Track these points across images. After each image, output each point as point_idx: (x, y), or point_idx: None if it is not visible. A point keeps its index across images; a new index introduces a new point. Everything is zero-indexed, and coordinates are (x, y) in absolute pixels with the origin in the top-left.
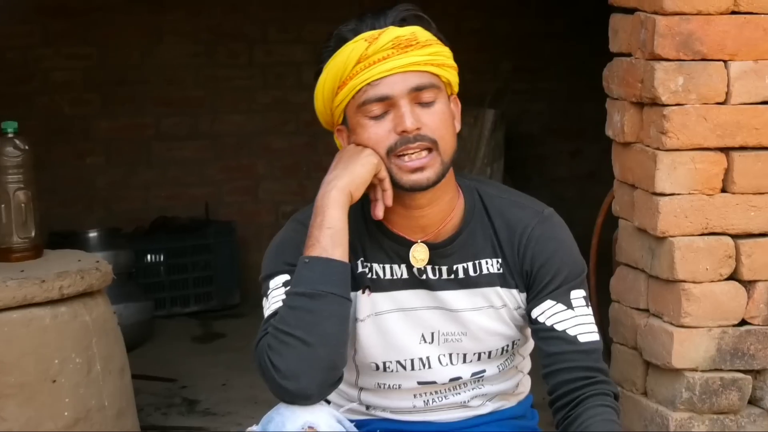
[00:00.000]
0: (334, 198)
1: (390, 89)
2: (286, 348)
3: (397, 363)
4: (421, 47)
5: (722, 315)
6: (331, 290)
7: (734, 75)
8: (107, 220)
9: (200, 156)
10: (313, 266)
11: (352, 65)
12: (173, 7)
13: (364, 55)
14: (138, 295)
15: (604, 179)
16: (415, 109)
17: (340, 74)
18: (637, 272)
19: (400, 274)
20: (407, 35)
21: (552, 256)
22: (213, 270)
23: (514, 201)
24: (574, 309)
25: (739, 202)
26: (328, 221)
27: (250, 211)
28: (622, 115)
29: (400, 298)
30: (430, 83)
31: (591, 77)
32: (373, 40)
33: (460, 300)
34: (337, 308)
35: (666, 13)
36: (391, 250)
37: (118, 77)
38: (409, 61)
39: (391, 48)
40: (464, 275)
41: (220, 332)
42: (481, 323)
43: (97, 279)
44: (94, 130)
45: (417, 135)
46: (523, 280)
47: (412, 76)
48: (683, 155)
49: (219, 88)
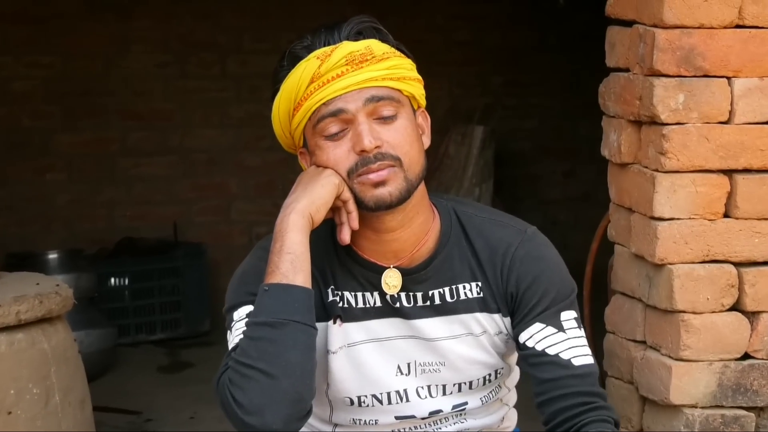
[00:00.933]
0: (293, 221)
1: (344, 104)
2: (247, 382)
3: (372, 397)
4: (377, 61)
5: (724, 348)
6: (293, 318)
7: (738, 92)
8: (68, 240)
9: (169, 173)
10: (274, 294)
11: (306, 85)
12: (141, 13)
13: (317, 74)
14: (101, 321)
15: (599, 202)
16: (374, 126)
17: (294, 95)
18: (633, 302)
19: (373, 302)
20: (361, 50)
21: (538, 276)
22: (181, 295)
23: (495, 220)
24: (565, 331)
25: (742, 228)
26: (287, 246)
27: (221, 232)
28: (619, 134)
29: (374, 328)
30: (388, 96)
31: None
32: (325, 58)
33: (437, 328)
34: (300, 336)
35: (666, 26)
36: (363, 277)
37: (81, 88)
38: (364, 77)
39: (345, 65)
40: (440, 301)
41: (188, 362)
42: (460, 352)
43: (57, 304)
44: (55, 145)
45: (378, 153)
46: (506, 303)
47: (369, 90)
48: (683, 177)
49: (190, 100)
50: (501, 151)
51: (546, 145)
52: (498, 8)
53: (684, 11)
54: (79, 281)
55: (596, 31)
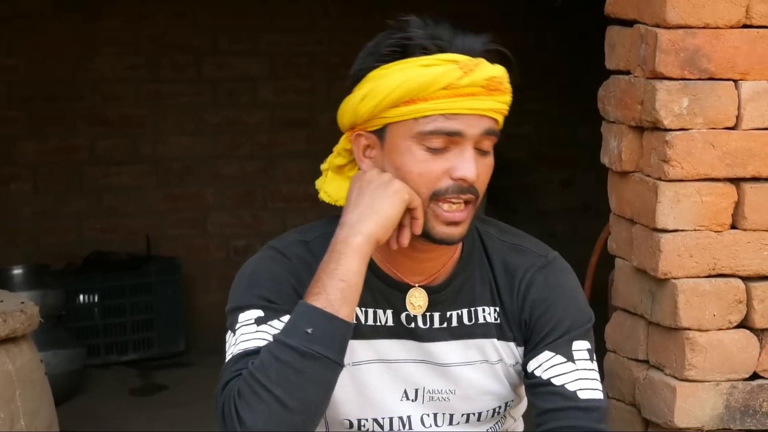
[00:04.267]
0: (357, 246)
1: (465, 126)
2: (258, 402)
3: (374, 421)
4: (502, 94)
5: (731, 367)
6: (326, 353)
7: (746, 96)
8: (34, 255)
9: (141, 183)
10: (314, 319)
11: (439, 87)
12: (110, 13)
13: (455, 83)
14: (69, 341)
15: (599, 212)
16: (476, 157)
17: (416, 89)
18: (635, 318)
19: (384, 321)
20: (499, 77)
21: (553, 304)
22: (154, 313)
23: (516, 245)
24: (575, 362)
25: (750, 240)
26: (342, 272)
27: (197, 246)
28: (620, 141)
29: (382, 348)
30: (494, 132)
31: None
32: (468, 71)
33: (452, 353)
34: (327, 375)
35: (669, 26)
36: (379, 292)
37: (46, 92)
38: (491, 107)
39: (483, 86)
40: (458, 323)
41: (161, 384)
42: (473, 380)
43: (22, 323)
44: (19, 153)
45: (471, 186)
46: (521, 331)
47: (487, 120)
48: (688, 187)
49: (162, 105)
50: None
51: (543, 153)
52: (491, 7)
53: (688, 10)
54: (46, 298)
55: (595, 31)
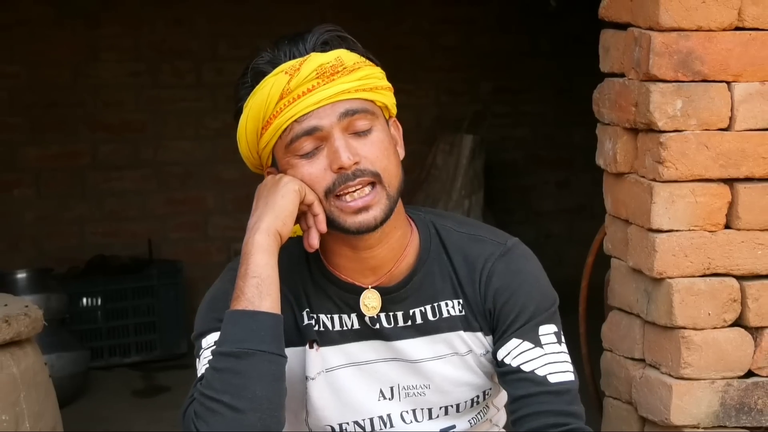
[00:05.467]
0: (258, 242)
1: (318, 120)
2: (212, 415)
3: (354, 424)
4: (349, 72)
5: (726, 366)
6: (259, 347)
7: (739, 98)
8: (37, 259)
9: (142, 187)
10: (239, 321)
11: (275, 102)
12: (110, 20)
13: (286, 89)
14: (72, 343)
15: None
16: (350, 141)
17: (263, 114)
18: (631, 318)
19: (351, 325)
20: (332, 61)
21: (516, 290)
22: (156, 316)
23: (474, 235)
24: (543, 347)
25: (744, 240)
26: (253, 269)
27: (198, 249)
28: (615, 143)
29: (353, 351)
30: (363, 109)
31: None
32: (294, 72)
33: (420, 349)
34: (268, 367)
35: (663, 29)
36: (339, 298)
37: (48, 99)
38: (337, 90)
39: (316, 78)
40: (422, 320)
41: (164, 385)
42: (446, 373)
43: (26, 326)
44: (21, 159)
45: (356, 170)
46: (487, 321)
47: (342, 103)
48: (682, 187)
49: (163, 111)
50: (491, 161)
51: (538, 155)
52: (486, 11)
53: (681, 13)
54: (49, 302)
55: (590, 34)
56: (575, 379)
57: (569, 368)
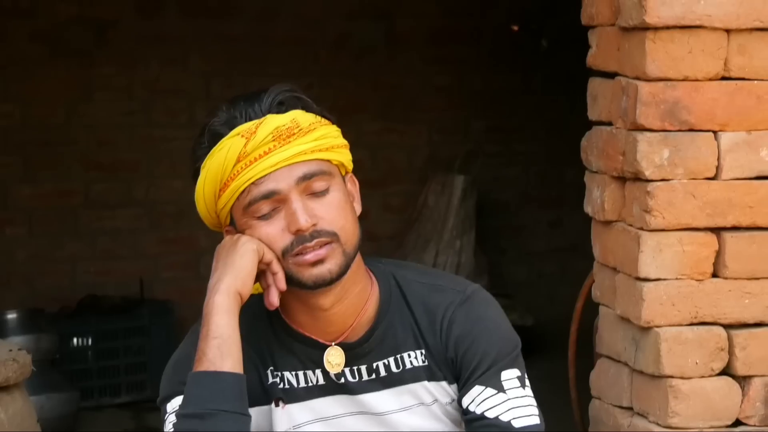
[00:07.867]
0: (219, 303)
1: (276, 184)
2: None
3: None
4: (304, 134)
5: (714, 415)
6: (222, 407)
7: (725, 147)
8: (28, 299)
9: (134, 226)
10: (201, 383)
11: (232, 165)
12: (104, 59)
13: (243, 153)
14: (62, 384)
15: (587, 253)
16: (307, 203)
17: (220, 176)
18: (619, 366)
19: (316, 381)
20: (287, 123)
21: (477, 337)
22: (147, 356)
23: (434, 285)
24: (506, 392)
25: (732, 289)
26: (213, 330)
27: (190, 289)
28: (602, 191)
29: (319, 407)
30: (320, 170)
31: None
32: (251, 135)
33: (386, 401)
34: (231, 426)
35: (649, 79)
36: (304, 354)
37: (41, 137)
38: (293, 152)
39: (272, 141)
40: (386, 372)
41: (155, 427)
42: (413, 424)
43: (14, 371)
44: (14, 197)
45: (314, 231)
46: (450, 370)
47: (299, 166)
48: (670, 236)
49: (156, 150)
50: (483, 200)
51: (530, 194)
52: (479, 50)
53: (667, 63)
54: (40, 342)
55: (582, 73)
56: (540, 422)
57: (534, 412)
